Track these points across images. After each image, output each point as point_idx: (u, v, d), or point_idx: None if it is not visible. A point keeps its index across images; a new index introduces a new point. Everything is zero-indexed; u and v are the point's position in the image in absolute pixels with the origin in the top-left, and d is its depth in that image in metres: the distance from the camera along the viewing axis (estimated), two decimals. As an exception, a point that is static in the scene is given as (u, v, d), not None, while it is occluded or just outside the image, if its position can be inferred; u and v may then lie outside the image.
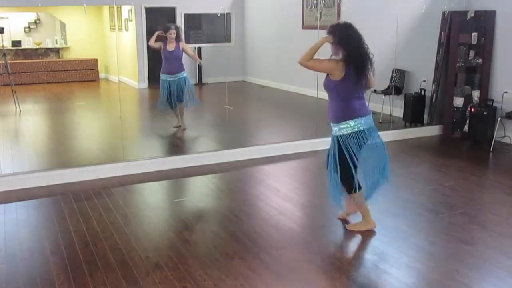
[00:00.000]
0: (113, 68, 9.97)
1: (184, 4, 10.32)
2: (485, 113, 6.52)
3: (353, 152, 3.65)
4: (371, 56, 3.69)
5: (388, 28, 7.55)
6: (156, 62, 7.15)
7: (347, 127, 3.66)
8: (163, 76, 6.93)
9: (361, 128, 3.64)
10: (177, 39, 6.75)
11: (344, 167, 3.69)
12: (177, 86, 6.82)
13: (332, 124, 3.80)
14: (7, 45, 10.23)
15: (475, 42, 6.71)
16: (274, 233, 3.88)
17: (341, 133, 3.69)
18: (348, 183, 3.74)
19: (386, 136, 6.78)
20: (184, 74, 6.89)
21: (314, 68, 3.70)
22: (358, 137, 3.65)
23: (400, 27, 7.34)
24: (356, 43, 3.61)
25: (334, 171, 3.76)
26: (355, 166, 3.67)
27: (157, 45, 6.86)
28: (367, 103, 3.95)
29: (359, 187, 3.74)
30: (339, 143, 3.71)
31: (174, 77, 6.83)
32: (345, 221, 4.02)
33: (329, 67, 3.64)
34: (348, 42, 3.58)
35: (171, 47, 6.72)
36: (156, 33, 6.80)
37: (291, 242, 3.74)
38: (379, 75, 7.92)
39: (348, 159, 3.66)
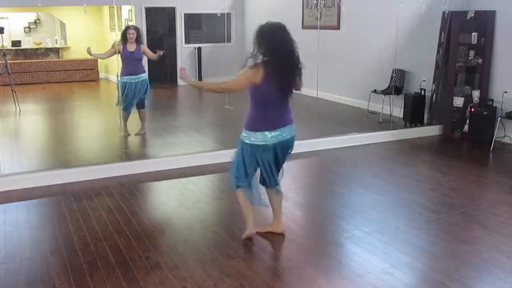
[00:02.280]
0: (113, 68, 9.95)
1: (184, 4, 10.34)
2: (485, 113, 6.52)
3: (249, 159, 3.44)
4: (297, 55, 3.36)
5: (388, 28, 7.56)
6: (156, 62, 7.13)
7: (255, 137, 3.43)
8: (125, 79, 6.55)
9: (271, 142, 3.42)
10: (138, 41, 6.49)
11: (236, 161, 3.52)
12: (140, 88, 6.57)
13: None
14: (7, 45, 10.23)
15: (475, 42, 6.71)
16: (274, 233, 3.87)
17: (247, 141, 3.46)
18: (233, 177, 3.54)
19: (386, 136, 6.82)
20: (145, 76, 6.66)
21: (237, 88, 3.39)
22: (263, 150, 3.43)
23: (400, 27, 7.34)
24: (274, 43, 3.29)
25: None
26: (250, 168, 3.46)
27: (111, 52, 6.61)
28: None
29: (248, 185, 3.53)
30: (243, 146, 3.50)
31: (137, 78, 6.56)
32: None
33: (250, 77, 3.29)
34: (267, 46, 3.27)
35: (131, 47, 6.45)
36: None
37: (291, 242, 3.74)
38: (379, 75, 8.02)
39: (242, 159, 3.47)
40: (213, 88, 3.47)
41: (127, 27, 6.63)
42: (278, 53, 3.30)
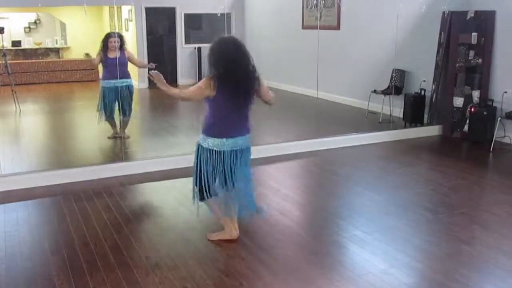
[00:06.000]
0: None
1: (184, 4, 10.34)
2: (485, 113, 6.52)
3: (213, 163, 3.48)
4: (251, 68, 3.38)
5: (388, 28, 7.56)
6: (157, 62, 7.11)
7: (214, 143, 3.46)
8: (104, 83, 6.28)
9: (227, 149, 3.45)
10: (121, 48, 6.13)
11: (198, 171, 3.53)
12: (121, 93, 6.20)
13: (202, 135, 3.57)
14: (7, 45, 10.22)
15: (475, 42, 6.71)
16: (274, 233, 3.88)
17: (205, 145, 3.50)
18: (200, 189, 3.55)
19: (386, 136, 6.82)
20: (129, 81, 6.30)
21: (194, 100, 3.48)
22: (221, 156, 3.47)
23: (400, 27, 7.34)
24: (221, 57, 3.34)
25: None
26: (213, 175, 3.49)
27: (98, 59, 6.25)
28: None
29: (209, 196, 3.55)
30: (199, 152, 3.54)
31: (120, 83, 6.18)
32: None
33: (202, 91, 3.35)
34: (214, 61, 3.35)
35: (113, 54, 6.08)
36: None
37: (291, 242, 3.74)
38: (379, 75, 8.02)
39: (205, 166, 3.49)
40: (176, 95, 3.49)
41: (108, 35, 6.21)
42: (225, 66, 3.33)
